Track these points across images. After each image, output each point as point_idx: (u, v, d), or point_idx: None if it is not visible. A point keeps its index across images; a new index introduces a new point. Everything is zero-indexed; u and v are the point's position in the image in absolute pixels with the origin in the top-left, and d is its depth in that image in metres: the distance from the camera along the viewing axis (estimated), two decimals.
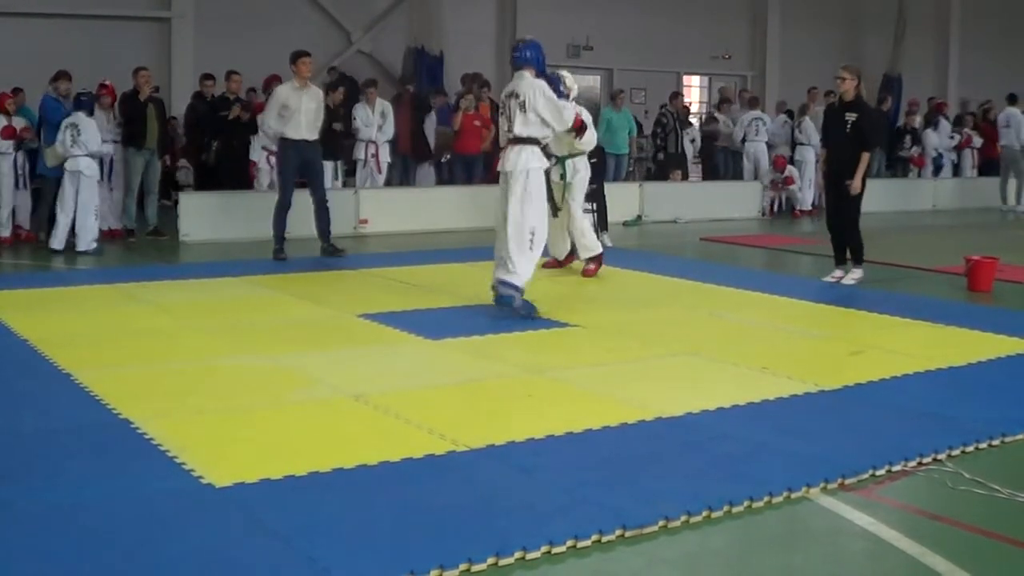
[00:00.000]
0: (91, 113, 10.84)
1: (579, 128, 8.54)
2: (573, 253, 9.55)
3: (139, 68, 11.75)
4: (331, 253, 10.38)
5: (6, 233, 11.04)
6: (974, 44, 23.26)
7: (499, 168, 7.54)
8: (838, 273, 9.34)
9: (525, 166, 7.31)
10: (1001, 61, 22.76)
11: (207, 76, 13.31)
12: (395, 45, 17.47)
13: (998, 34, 23.28)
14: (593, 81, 20.54)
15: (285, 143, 10.21)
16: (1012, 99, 17.48)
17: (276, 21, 16.58)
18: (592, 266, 9.34)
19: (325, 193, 10.53)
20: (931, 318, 7.55)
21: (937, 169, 18.14)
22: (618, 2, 19.49)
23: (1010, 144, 16.98)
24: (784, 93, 17.92)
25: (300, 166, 10.30)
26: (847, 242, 9.26)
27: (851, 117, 8.97)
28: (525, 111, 7.30)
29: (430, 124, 14.41)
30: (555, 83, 8.19)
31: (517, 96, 7.38)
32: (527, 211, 7.30)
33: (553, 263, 9.50)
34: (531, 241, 7.30)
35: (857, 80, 9.11)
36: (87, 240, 10.47)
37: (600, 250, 9.40)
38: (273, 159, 12.25)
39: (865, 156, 8.98)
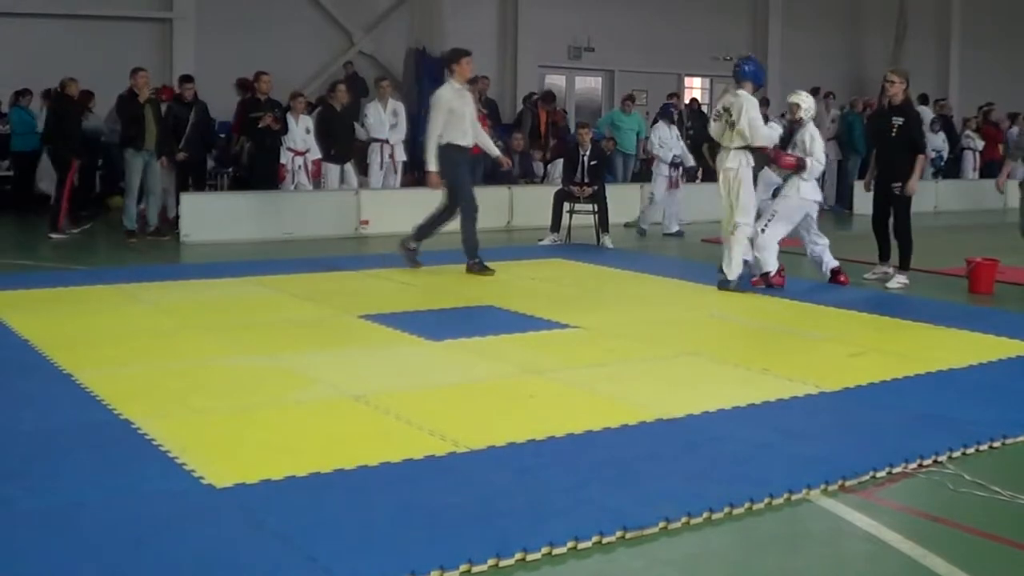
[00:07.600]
0: None
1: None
2: (780, 272, 8.99)
3: (137, 69, 11.59)
4: (480, 271, 9.32)
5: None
6: (974, 44, 23.26)
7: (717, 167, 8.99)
8: (881, 268, 9.55)
9: (735, 165, 8.68)
10: (1001, 61, 22.77)
11: (186, 78, 12.80)
12: (396, 46, 17.46)
13: (998, 34, 23.28)
14: (594, 83, 20.55)
15: (454, 150, 9.25)
16: (923, 99, 17.76)
17: (277, 22, 16.59)
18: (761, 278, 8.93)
19: None
20: (932, 320, 7.56)
21: (937, 171, 18.14)
22: (619, 3, 19.50)
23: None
24: (785, 93, 17.83)
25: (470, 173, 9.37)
26: (899, 246, 9.35)
27: (898, 121, 9.15)
28: (734, 128, 8.56)
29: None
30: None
31: (729, 113, 8.61)
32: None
33: (760, 281, 8.91)
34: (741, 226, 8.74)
35: (906, 84, 9.26)
36: None
37: (771, 269, 8.92)
38: (299, 160, 12.24)
39: (921, 159, 9.18)
